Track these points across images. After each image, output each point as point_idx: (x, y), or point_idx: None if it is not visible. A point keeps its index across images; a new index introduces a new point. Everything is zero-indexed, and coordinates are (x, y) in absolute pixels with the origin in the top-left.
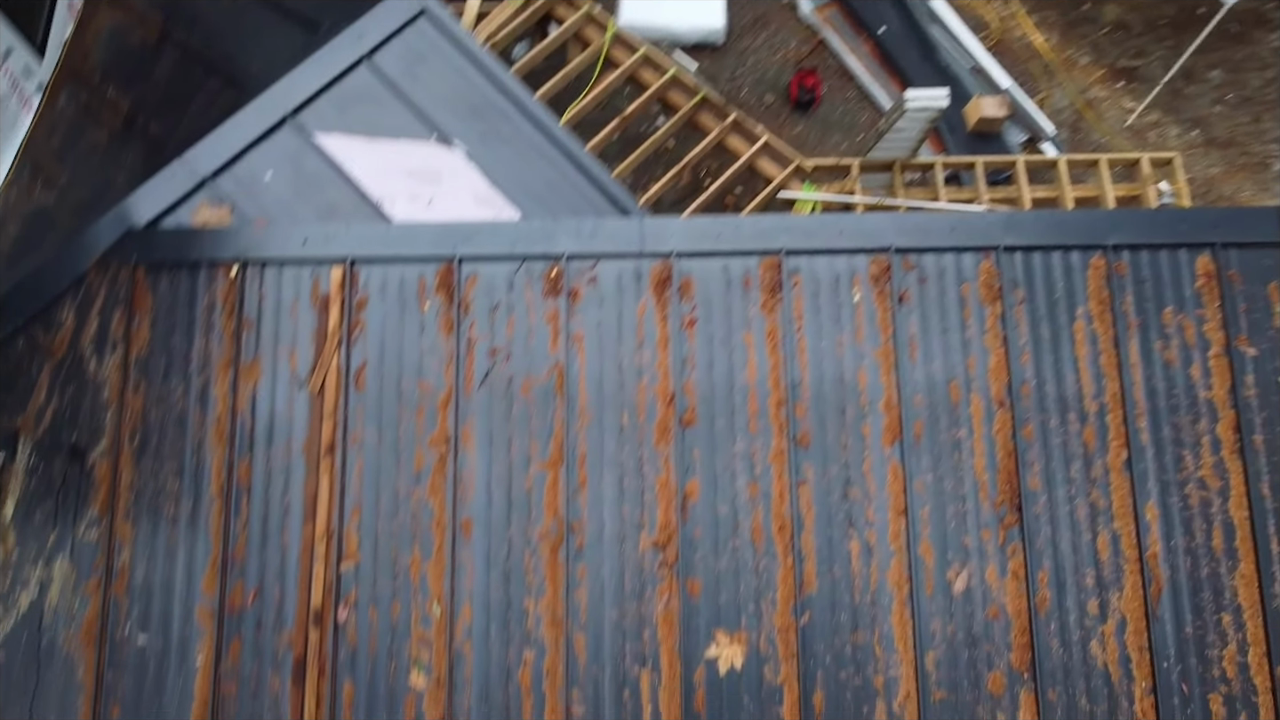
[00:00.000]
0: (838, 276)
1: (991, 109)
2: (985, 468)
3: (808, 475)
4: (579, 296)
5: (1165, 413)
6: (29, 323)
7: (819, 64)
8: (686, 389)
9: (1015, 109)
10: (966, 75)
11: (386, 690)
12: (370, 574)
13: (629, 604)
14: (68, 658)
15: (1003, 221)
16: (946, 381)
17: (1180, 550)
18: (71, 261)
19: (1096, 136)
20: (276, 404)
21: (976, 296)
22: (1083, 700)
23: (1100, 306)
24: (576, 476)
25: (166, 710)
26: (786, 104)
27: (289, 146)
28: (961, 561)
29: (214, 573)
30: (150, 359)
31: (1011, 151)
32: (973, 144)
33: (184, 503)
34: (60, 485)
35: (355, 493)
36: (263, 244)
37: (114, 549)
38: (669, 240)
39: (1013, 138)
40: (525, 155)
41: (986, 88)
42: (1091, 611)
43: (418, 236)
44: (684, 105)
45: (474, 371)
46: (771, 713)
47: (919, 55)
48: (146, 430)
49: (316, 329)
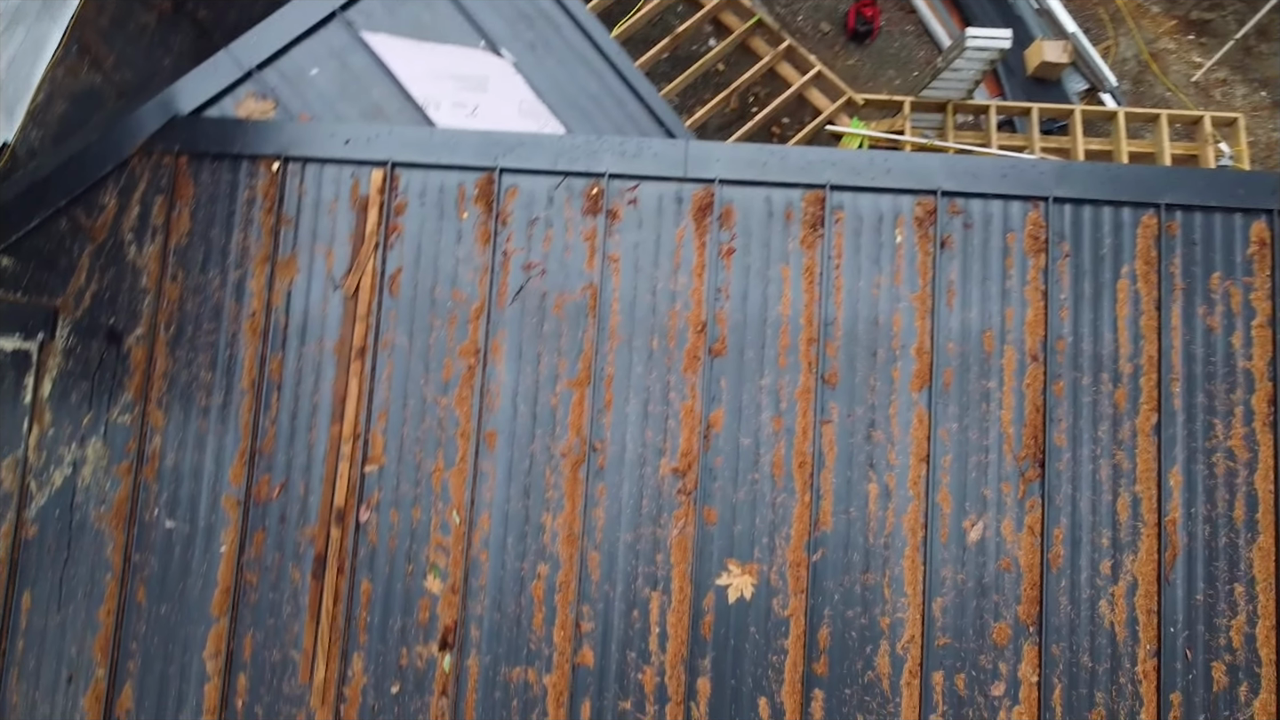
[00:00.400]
0: (881, 215)
1: (1053, 54)
2: (1012, 421)
3: (833, 414)
4: (618, 216)
5: (1201, 379)
6: (72, 203)
7: None
8: (719, 318)
9: (1077, 56)
10: (1031, 16)
11: (402, 591)
12: (393, 477)
13: (645, 526)
14: (98, 535)
15: (1055, 171)
16: (981, 331)
17: (1200, 518)
18: (116, 145)
19: (1159, 90)
20: (311, 302)
21: (1021, 246)
22: (1085, 657)
23: (1146, 266)
24: (603, 397)
25: (190, 593)
26: (842, 33)
27: (336, 43)
28: (979, 512)
29: (242, 464)
30: (189, 248)
31: (1069, 100)
32: (1030, 89)
33: (216, 394)
34: (96, 367)
35: (383, 396)
36: (305, 141)
37: (146, 434)
38: (713, 166)
39: (1072, 85)
40: (573, 68)
41: (1051, 31)
42: (1104, 571)
43: (460, 144)
44: (738, 28)
45: (508, 284)
46: (776, 644)
47: None
48: (182, 319)
49: (354, 230)
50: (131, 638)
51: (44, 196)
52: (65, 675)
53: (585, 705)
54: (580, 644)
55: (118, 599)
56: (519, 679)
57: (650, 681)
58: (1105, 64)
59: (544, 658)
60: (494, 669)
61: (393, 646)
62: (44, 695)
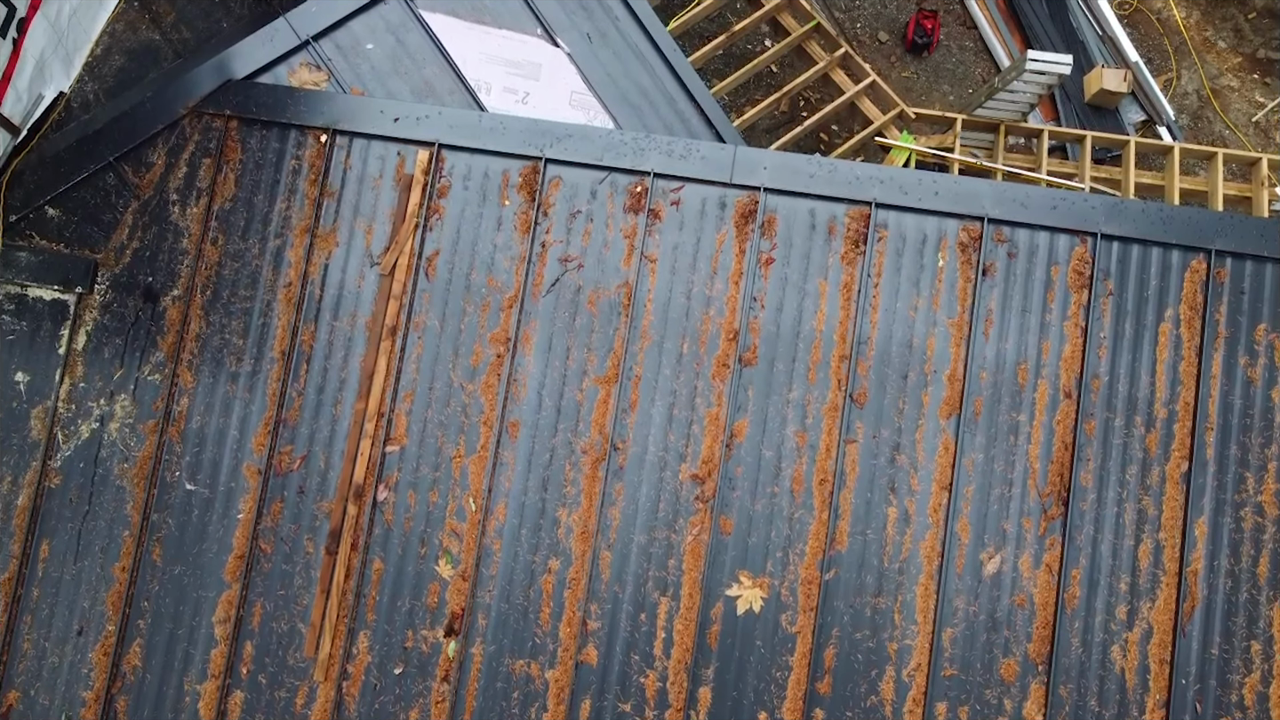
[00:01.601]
0: (925, 237)
1: (1113, 82)
2: (1039, 456)
3: (858, 434)
4: (660, 216)
5: (1236, 430)
6: (120, 158)
7: (940, 6)
8: (752, 327)
9: (1137, 86)
10: (1094, 41)
11: (414, 573)
12: (414, 459)
13: (659, 530)
14: (119, 491)
15: (1107, 207)
16: (1016, 363)
17: (1223, 571)
18: (168, 103)
19: (1218, 127)
20: (347, 277)
21: (1065, 281)
22: (1093, 702)
23: (1191, 311)
24: (628, 396)
25: (204, 557)
26: (900, 44)
27: (394, 18)
28: (997, 545)
29: (266, 433)
30: (232, 213)
31: (1125, 129)
32: (1086, 115)
33: (246, 360)
34: (131, 324)
35: (410, 377)
36: (355, 115)
37: (174, 394)
38: (759, 173)
39: (1129, 115)
40: (627, 62)
41: (1112, 58)
42: (1119, 616)
43: (508, 130)
44: (795, 30)
45: (544, 275)
46: (781, 660)
47: (1048, 12)
48: (219, 283)
49: (396, 208)
50: (144, 596)
51: (94, 150)
52: (76, 627)
53: (585, 704)
54: (585, 642)
55: (133, 556)
56: (522, 671)
57: (652, 686)
58: (1165, 96)
59: (548, 652)
60: (498, 659)
61: (399, 627)
62: (54, 645)
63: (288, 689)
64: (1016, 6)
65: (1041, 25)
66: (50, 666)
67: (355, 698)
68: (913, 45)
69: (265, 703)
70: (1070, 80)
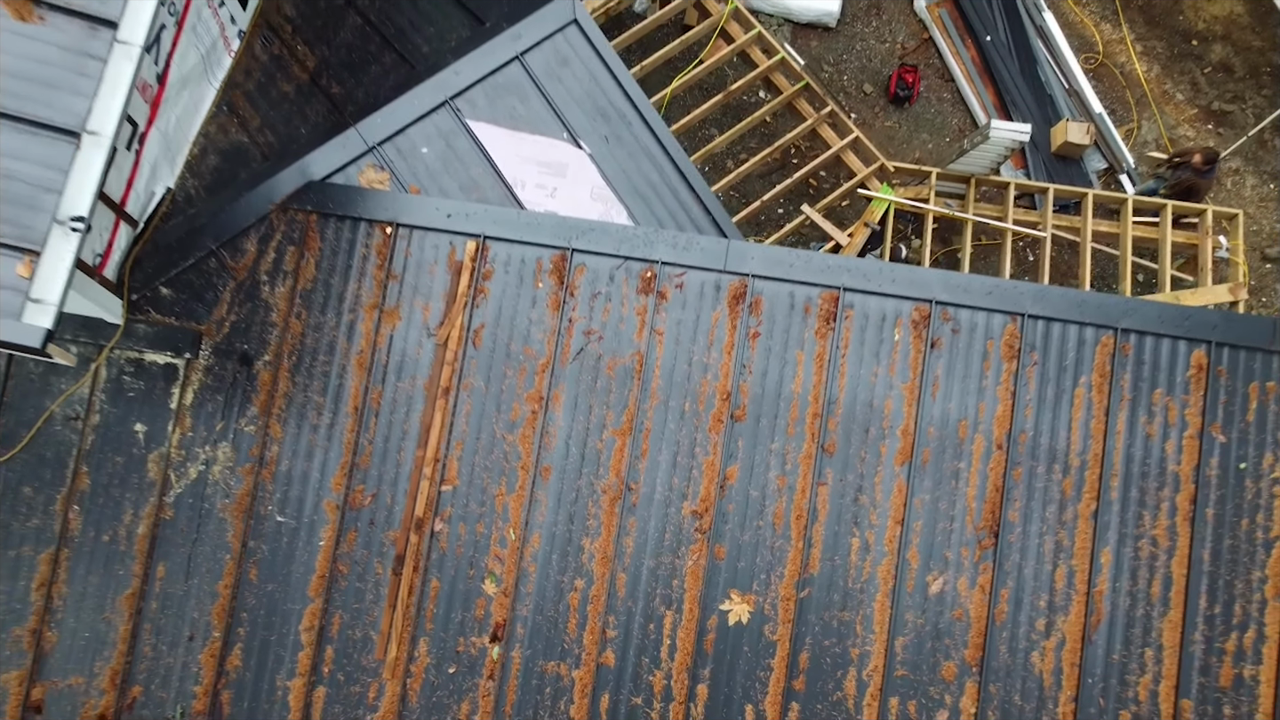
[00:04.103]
0: (884, 316)
1: (1076, 135)
2: (975, 497)
3: (828, 478)
4: (666, 297)
5: (1136, 477)
6: (221, 246)
7: (921, 61)
8: (741, 389)
9: (1100, 137)
10: (1061, 95)
11: (464, 591)
12: (464, 497)
13: (665, 556)
14: (221, 523)
15: (1033, 293)
16: (958, 420)
17: (1123, 592)
18: (259, 201)
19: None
20: (408, 346)
21: (998, 353)
22: (1016, 697)
23: (1101, 379)
24: (640, 446)
25: (293, 576)
26: (884, 95)
27: (444, 126)
28: (940, 570)
29: (342, 475)
30: (312, 292)
31: (1089, 177)
32: (1053, 164)
33: (325, 414)
34: (230, 384)
35: (461, 429)
36: (414, 211)
37: (266, 442)
38: (749, 263)
39: (1092, 164)
40: (639, 160)
41: (1078, 110)
42: (1039, 628)
43: (541, 226)
44: (787, 89)
45: (570, 346)
46: (764, 663)
47: (1019, 68)
48: (302, 351)
49: (448, 289)
50: (243, 608)
51: (198, 240)
52: (187, 634)
53: (605, 698)
54: (605, 647)
55: (234, 576)
56: (553, 671)
57: (659, 683)
58: (1126, 146)
59: (574, 656)
60: (533, 661)
61: (453, 635)
62: (169, 649)
63: (361, 685)
64: (990, 63)
65: (1013, 80)
66: (166, 666)
67: (417, 693)
68: (895, 97)
69: (343, 697)
70: (1039, 132)
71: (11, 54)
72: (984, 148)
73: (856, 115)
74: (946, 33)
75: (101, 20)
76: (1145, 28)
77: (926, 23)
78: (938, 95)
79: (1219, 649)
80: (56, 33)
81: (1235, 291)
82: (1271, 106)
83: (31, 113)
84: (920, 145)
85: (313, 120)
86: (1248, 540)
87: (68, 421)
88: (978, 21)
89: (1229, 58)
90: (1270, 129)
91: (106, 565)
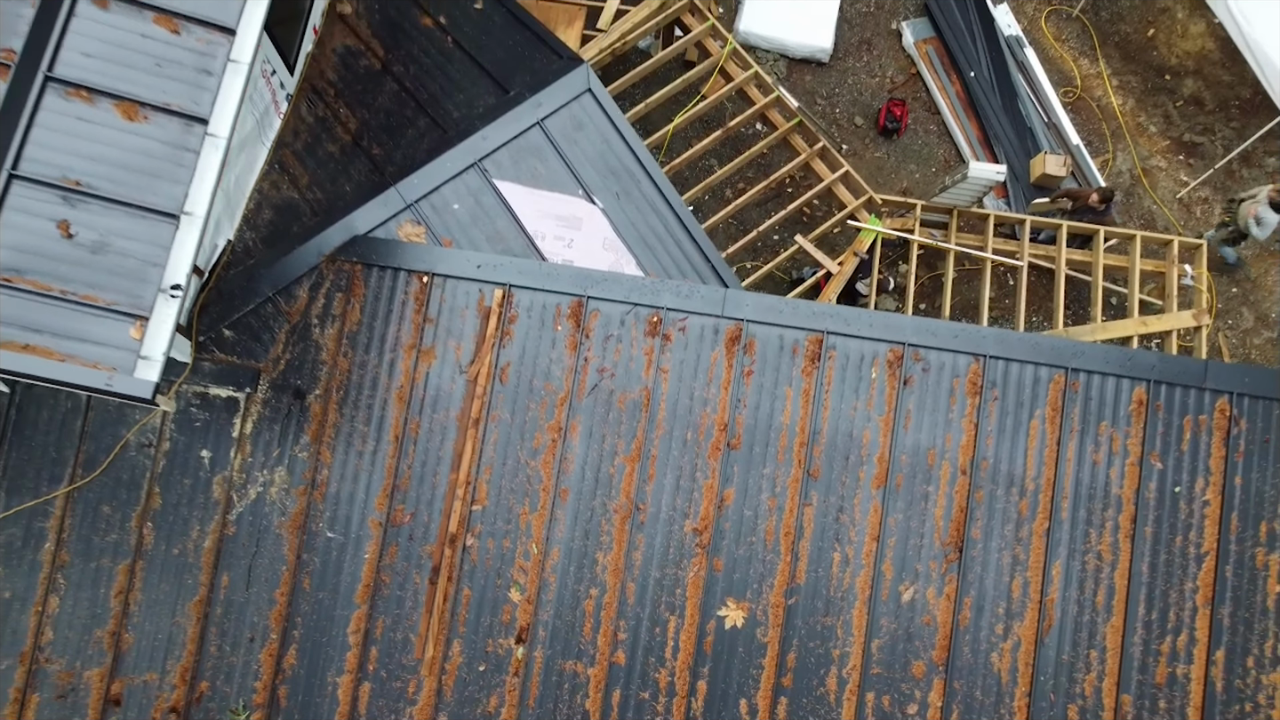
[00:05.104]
0: (863, 357)
1: (1053, 168)
2: (942, 516)
3: (813, 499)
4: (670, 340)
5: (1084, 499)
6: (277, 293)
7: (909, 95)
8: (737, 421)
9: (1076, 168)
10: (1040, 128)
11: (492, 599)
12: (492, 516)
13: (669, 568)
14: (278, 538)
15: (994, 337)
16: (927, 449)
17: (1072, 600)
18: (310, 253)
19: (1148, 203)
20: (442, 382)
21: (963, 389)
22: (978, 693)
23: (1054, 413)
24: (647, 471)
25: (341, 585)
26: (874, 127)
27: (474, 185)
28: (911, 580)
29: (384, 496)
30: (357, 334)
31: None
32: (1033, 194)
33: (369, 442)
34: (285, 415)
35: (490, 456)
36: (447, 262)
37: (317, 467)
38: (743, 309)
39: None
40: (646, 214)
41: (1057, 143)
42: (997, 632)
43: (560, 275)
44: (782, 125)
45: (586, 382)
46: (756, 662)
47: (1002, 102)
48: (349, 386)
49: (478, 332)
50: (297, 614)
51: (257, 288)
52: (249, 636)
53: (616, 693)
54: (616, 648)
55: (289, 585)
56: (570, 669)
57: (664, 680)
58: (1101, 175)
59: (589, 655)
60: (553, 660)
61: (482, 637)
62: (232, 649)
63: (402, 681)
64: (974, 97)
65: (995, 113)
66: (230, 664)
67: (451, 688)
68: (884, 129)
69: (386, 691)
70: (1019, 164)
71: (122, 149)
72: (963, 185)
73: (848, 146)
74: (933, 68)
75: (195, 118)
76: (1121, 63)
77: (914, 59)
78: (925, 128)
79: (1155, 650)
80: (158, 129)
81: (1198, 317)
82: (1239, 138)
83: (140, 199)
84: (908, 175)
85: (356, 178)
86: (1181, 555)
87: (142, 448)
88: (962, 58)
89: (1200, 92)
90: (1238, 160)
91: (176, 575)
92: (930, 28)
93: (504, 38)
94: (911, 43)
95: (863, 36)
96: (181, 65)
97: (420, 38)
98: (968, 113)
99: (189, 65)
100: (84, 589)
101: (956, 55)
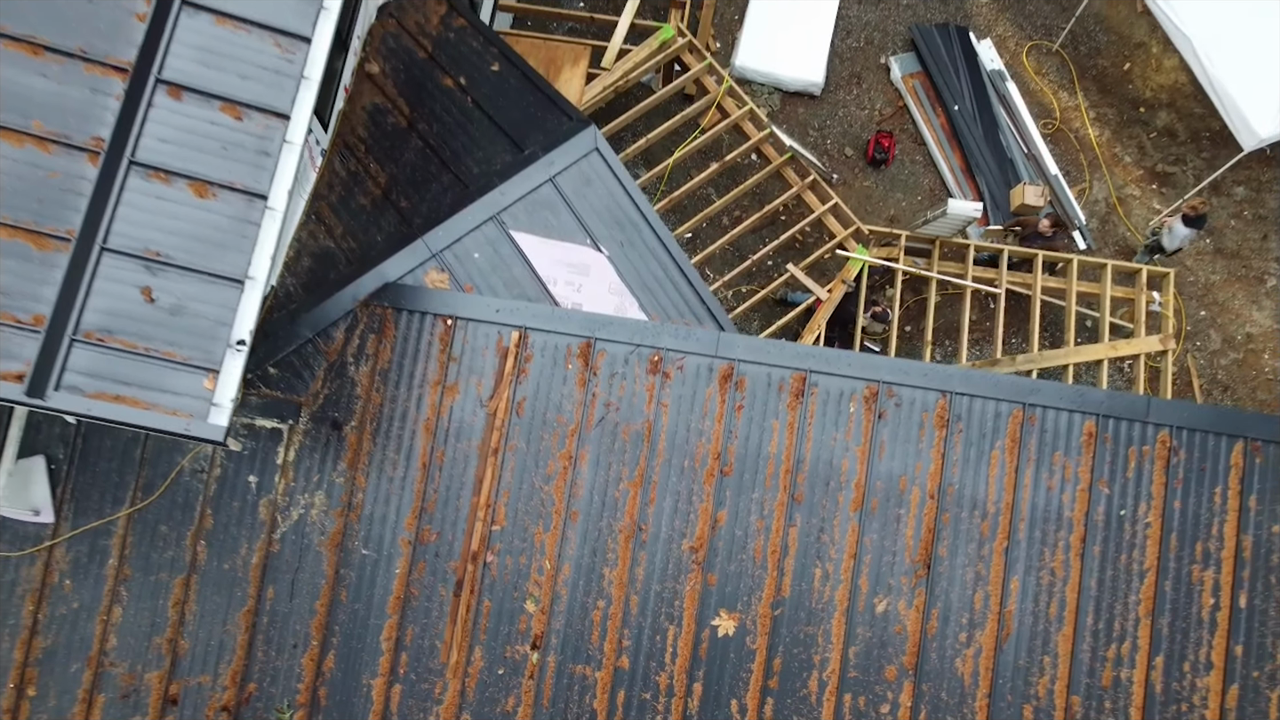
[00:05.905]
0: (842, 393)
1: (1032, 198)
2: (912, 536)
3: (797, 521)
4: (670, 377)
5: (1039, 521)
6: (316, 335)
7: (897, 127)
8: (729, 451)
9: (1054, 197)
10: (1020, 159)
11: (510, 610)
12: (510, 535)
13: (668, 582)
14: (318, 555)
15: (959, 375)
16: (899, 476)
17: (1028, 611)
18: (346, 299)
19: (1122, 230)
20: (465, 415)
21: (932, 422)
22: (943, 694)
23: (1012, 444)
24: (649, 495)
25: (375, 597)
26: (863, 158)
27: (491, 235)
28: (885, 594)
29: (414, 517)
30: (389, 372)
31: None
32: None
33: (399, 469)
34: (324, 444)
35: (508, 481)
36: (469, 306)
37: (353, 491)
38: (736, 350)
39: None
40: (648, 261)
41: (1036, 173)
42: (961, 640)
43: (570, 319)
44: (775, 158)
45: (594, 415)
46: (746, 667)
47: (983, 134)
48: (381, 418)
49: (497, 370)
50: (335, 622)
51: (298, 330)
52: (292, 642)
53: (620, 694)
54: (620, 654)
55: (328, 597)
56: (579, 673)
57: (664, 682)
58: (1078, 204)
59: (596, 660)
60: (564, 665)
61: (501, 644)
62: (277, 654)
63: (429, 684)
64: (958, 129)
65: (977, 145)
66: (275, 668)
67: (473, 690)
68: (873, 159)
69: (415, 693)
70: (1000, 193)
71: (194, 223)
72: (943, 221)
73: (838, 175)
74: (919, 101)
75: (257, 194)
76: (1098, 95)
77: (902, 92)
78: (911, 158)
79: (1102, 656)
80: (225, 205)
81: (1165, 342)
82: (1210, 168)
83: (210, 267)
84: (895, 204)
85: (386, 229)
86: (1125, 571)
87: (195, 474)
88: (947, 91)
89: (1173, 123)
90: (1208, 189)
91: (227, 588)
92: (917, 62)
93: (518, 99)
94: (899, 77)
95: (853, 70)
96: (244, 148)
97: (442, 97)
98: (952, 144)
99: (250, 148)
100: (144, 600)
101: (941, 89)
